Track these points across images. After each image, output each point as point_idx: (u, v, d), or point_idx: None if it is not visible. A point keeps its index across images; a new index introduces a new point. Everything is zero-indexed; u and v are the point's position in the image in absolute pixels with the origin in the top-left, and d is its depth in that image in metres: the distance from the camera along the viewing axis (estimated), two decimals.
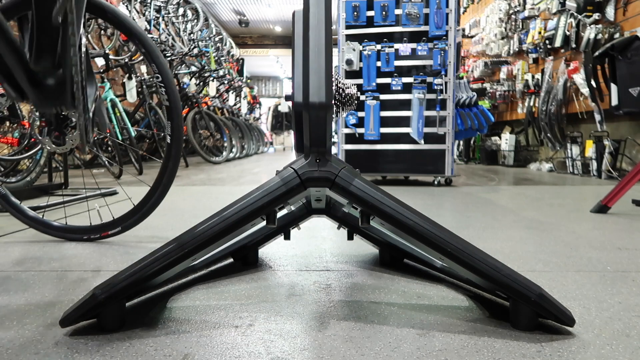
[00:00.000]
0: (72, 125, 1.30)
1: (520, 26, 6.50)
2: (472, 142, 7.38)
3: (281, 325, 0.91)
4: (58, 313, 0.92)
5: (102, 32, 6.00)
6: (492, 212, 2.32)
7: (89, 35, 5.53)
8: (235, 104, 9.42)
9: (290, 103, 0.97)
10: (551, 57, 5.63)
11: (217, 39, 9.04)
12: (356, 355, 0.78)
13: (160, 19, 6.68)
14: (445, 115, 3.73)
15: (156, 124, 5.45)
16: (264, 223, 0.98)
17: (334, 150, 4.27)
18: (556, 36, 5.28)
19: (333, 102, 1.09)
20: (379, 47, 3.78)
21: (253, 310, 0.99)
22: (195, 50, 7.07)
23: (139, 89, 5.11)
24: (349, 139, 3.90)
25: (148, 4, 6.30)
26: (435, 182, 3.84)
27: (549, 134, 5.49)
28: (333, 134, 3.47)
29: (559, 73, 5.32)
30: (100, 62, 5.02)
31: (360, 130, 3.84)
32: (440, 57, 3.69)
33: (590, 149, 4.64)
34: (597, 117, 4.52)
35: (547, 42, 5.54)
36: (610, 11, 4.53)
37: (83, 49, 0.98)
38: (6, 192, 1.64)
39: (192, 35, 7.31)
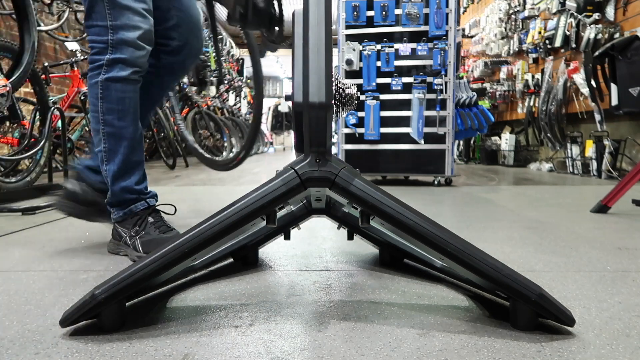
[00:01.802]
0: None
1: (520, 26, 6.50)
2: (472, 142, 7.38)
3: (281, 325, 0.91)
4: (58, 313, 0.92)
5: None
6: (492, 212, 2.32)
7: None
8: (235, 104, 9.41)
9: (290, 103, 0.97)
10: (551, 57, 5.63)
11: None
12: (356, 355, 0.78)
13: None
14: (445, 115, 3.73)
15: (156, 124, 5.44)
16: (263, 223, 0.98)
17: (334, 150, 4.27)
18: (556, 36, 5.28)
19: (333, 102, 1.09)
20: (379, 47, 3.78)
21: (253, 310, 0.99)
22: None
23: None
24: (349, 139, 3.90)
25: None
26: (435, 182, 3.84)
27: (549, 134, 5.49)
28: (333, 133, 3.47)
29: (559, 73, 5.32)
30: None
31: (360, 130, 3.84)
32: (440, 57, 3.69)
33: (590, 149, 4.63)
34: (597, 117, 4.52)
35: (547, 42, 5.54)
36: (610, 11, 4.53)
37: None
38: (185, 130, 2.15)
39: None
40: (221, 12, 1.71)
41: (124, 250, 1.44)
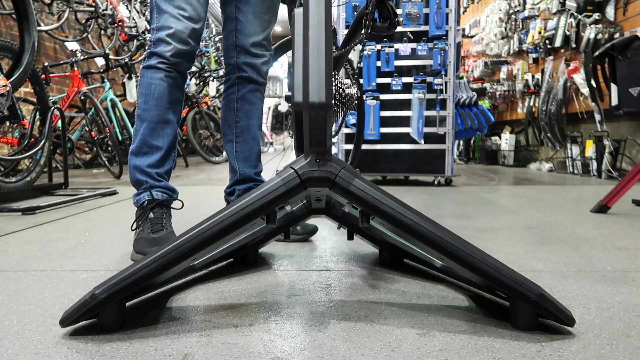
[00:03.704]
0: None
1: (520, 26, 6.50)
2: (472, 142, 7.37)
3: (281, 325, 0.91)
4: (58, 313, 0.92)
5: (102, 32, 5.99)
6: (492, 212, 2.32)
7: (89, 36, 5.52)
8: None
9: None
10: (551, 57, 5.62)
11: (217, 39, 9.03)
12: (356, 355, 0.78)
13: None
14: (445, 115, 3.73)
15: None
16: (264, 223, 0.97)
17: (334, 150, 4.27)
18: (556, 36, 5.27)
19: (333, 102, 1.09)
20: (379, 47, 3.78)
21: (253, 310, 0.99)
22: None
23: None
24: (349, 139, 3.90)
25: (148, 4, 6.29)
26: (435, 182, 3.83)
27: (549, 134, 5.49)
28: (333, 133, 3.46)
29: (559, 73, 5.31)
30: (100, 62, 5.02)
31: None
32: (440, 57, 3.69)
33: (590, 149, 4.63)
34: (597, 117, 4.51)
35: (547, 42, 5.53)
36: (610, 11, 4.52)
37: None
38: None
39: None
40: (220, 12, 1.70)
41: None
